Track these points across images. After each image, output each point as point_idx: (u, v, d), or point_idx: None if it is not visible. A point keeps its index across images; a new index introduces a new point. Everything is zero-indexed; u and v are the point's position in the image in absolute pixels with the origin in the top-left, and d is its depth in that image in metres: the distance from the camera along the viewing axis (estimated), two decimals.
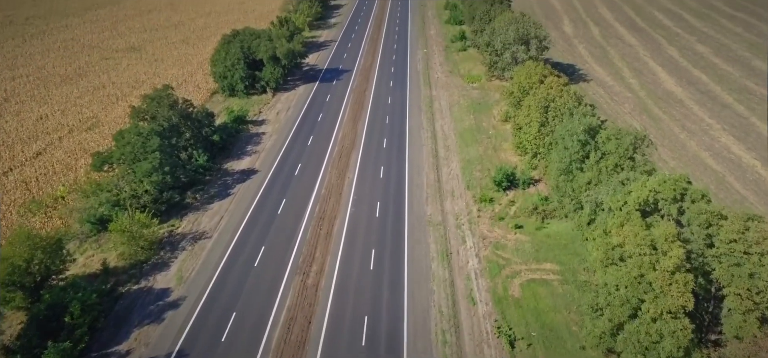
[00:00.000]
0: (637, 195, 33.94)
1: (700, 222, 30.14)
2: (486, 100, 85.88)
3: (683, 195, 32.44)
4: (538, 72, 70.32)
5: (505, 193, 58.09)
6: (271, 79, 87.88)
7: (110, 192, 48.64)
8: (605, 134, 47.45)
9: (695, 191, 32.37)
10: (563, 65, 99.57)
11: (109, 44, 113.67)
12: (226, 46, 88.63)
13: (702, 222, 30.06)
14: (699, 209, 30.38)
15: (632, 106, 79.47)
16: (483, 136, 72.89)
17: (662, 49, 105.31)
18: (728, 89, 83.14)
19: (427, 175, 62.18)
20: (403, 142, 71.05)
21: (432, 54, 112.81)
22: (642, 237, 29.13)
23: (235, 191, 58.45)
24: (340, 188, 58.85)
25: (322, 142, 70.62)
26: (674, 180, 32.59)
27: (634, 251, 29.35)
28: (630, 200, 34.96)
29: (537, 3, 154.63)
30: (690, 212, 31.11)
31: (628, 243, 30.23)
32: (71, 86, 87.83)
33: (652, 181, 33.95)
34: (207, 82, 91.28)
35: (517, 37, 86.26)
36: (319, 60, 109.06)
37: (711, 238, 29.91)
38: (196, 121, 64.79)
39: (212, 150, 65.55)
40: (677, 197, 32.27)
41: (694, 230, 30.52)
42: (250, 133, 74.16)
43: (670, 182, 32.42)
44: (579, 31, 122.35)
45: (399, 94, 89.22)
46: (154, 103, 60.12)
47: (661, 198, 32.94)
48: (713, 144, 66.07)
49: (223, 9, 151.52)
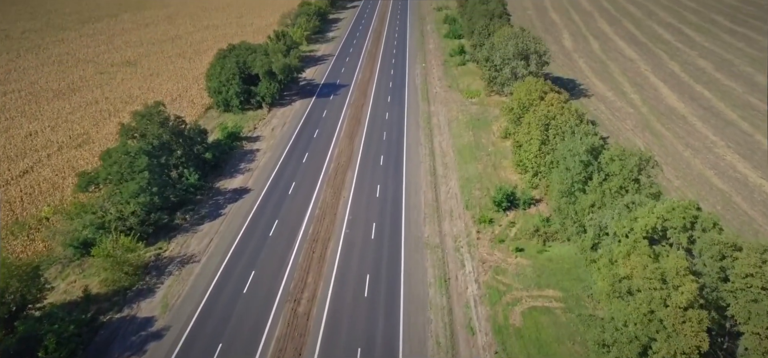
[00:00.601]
0: (645, 222, 32.13)
1: (712, 254, 28.31)
2: (485, 115, 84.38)
3: (693, 223, 30.65)
4: (538, 88, 68.88)
5: (505, 213, 56.28)
6: (266, 95, 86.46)
7: (95, 214, 46.80)
8: (608, 155, 45.75)
9: (706, 219, 30.59)
10: (563, 80, 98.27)
11: (104, 58, 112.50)
12: (222, 61, 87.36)
13: (715, 254, 28.24)
14: (711, 239, 28.57)
15: (634, 123, 77.92)
16: (482, 153, 71.25)
17: (663, 64, 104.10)
18: (731, 105, 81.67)
19: (425, 194, 60.41)
20: (401, 159, 69.38)
21: (430, 68, 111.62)
22: (651, 270, 27.29)
23: (226, 212, 56.63)
24: (335, 208, 57.03)
25: (318, 160, 68.94)
26: (684, 207, 30.82)
27: (642, 284, 27.47)
28: (637, 227, 33.15)
29: (536, 17, 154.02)
30: (701, 241, 29.31)
31: (636, 275, 28.37)
32: (63, 101, 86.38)
33: (660, 207, 32.16)
34: (202, 97, 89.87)
35: (517, 52, 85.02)
36: (317, 74, 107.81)
37: (725, 271, 28.07)
38: (188, 138, 63.17)
39: (204, 168, 63.82)
40: (687, 226, 30.47)
41: (707, 261, 28.68)
42: (244, 150, 72.50)
43: (679, 210, 30.65)
44: (579, 46, 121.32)
45: (397, 109, 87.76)
46: (144, 120, 58.52)
47: (669, 226, 31.12)
48: (718, 162, 64.38)
49: (221, 23, 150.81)
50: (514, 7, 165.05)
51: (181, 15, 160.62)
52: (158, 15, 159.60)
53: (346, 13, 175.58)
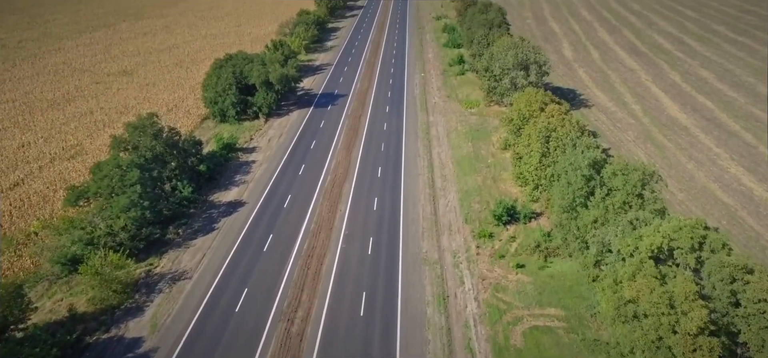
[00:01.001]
0: (650, 241, 30.87)
1: (722, 277, 27.05)
2: (484, 126, 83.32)
3: (702, 244, 29.39)
4: (538, 99, 67.89)
5: (506, 227, 55.00)
6: (263, 105, 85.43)
7: (83, 229, 45.52)
8: (611, 169, 44.57)
9: (715, 240, 29.33)
10: (564, 90, 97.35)
11: (100, 68, 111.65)
12: (218, 71, 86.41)
13: (725, 277, 26.98)
14: (720, 261, 27.31)
15: (636, 134, 76.81)
16: (482, 165, 70.08)
17: (664, 74, 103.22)
18: (734, 116, 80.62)
19: (424, 208, 59.16)
20: (399, 171, 68.20)
21: (429, 78, 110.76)
22: (659, 294, 26.02)
23: (220, 226, 55.33)
24: (331, 222, 55.75)
25: (314, 172, 67.75)
26: (691, 227, 29.58)
27: (650, 309, 26.17)
28: (642, 246, 31.88)
29: (536, 26, 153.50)
30: (710, 263, 28.05)
31: (642, 299, 27.08)
32: (57, 112, 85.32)
33: (667, 226, 30.92)
34: (198, 107, 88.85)
35: (517, 62, 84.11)
36: (315, 84, 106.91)
37: (736, 295, 26.80)
38: (182, 150, 62.02)
39: (198, 181, 62.63)
40: (695, 247, 29.22)
41: (717, 285, 27.41)
42: (240, 161, 71.33)
43: (686, 229, 29.41)
44: (579, 55, 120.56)
45: (395, 120, 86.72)
46: (137, 132, 57.39)
47: (676, 246, 29.86)
48: (722, 175, 63.19)
49: (219, 32, 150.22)
50: (514, 17, 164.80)
51: (180, 24, 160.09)
52: (156, 24, 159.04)
53: (345, 21, 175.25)
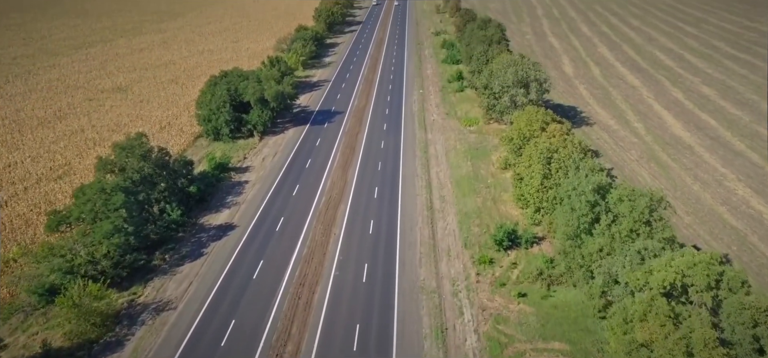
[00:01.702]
0: (662, 277, 28.75)
1: (743, 320, 24.92)
2: (484, 145, 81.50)
3: (718, 281, 27.28)
4: (539, 119, 66.18)
5: (507, 253, 52.83)
6: (258, 123, 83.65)
7: (63, 257, 43.33)
8: (617, 195, 42.56)
9: (733, 278, 27.23)
10: (565, 107, 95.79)
11: (94, 84, 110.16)
12: (212, 88, 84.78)
13: (746, 320, 24.86)
14: (741, 302, 25.21)
15: (639, 153, 74.96)
16: (481, 185, 68.09)
17: (666, 91, 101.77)
18: (739, 135, 78.87)
19: (421, 231, 57.01)
20: (396, 191, 66.17)
21: (428, 95, 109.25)
22: (675, 340, 23.86)
23: (208, 251, 53.12)
24: (325, 247, 53.57)
25: (309, 192, 65.71)
26: (706, 263, 27.49)
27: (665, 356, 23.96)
28: (653, 281, 29.74)
29: (536, 42, 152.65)
30: (729, 304, 25.93)
31: (657, 343, 24.91)
32: (48, 130, 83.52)
33: (680, 261, 28.82)
34: (192, 124, 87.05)
35: (516, 79, 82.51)
36: (312, 101, 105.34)
37: (759, 341, 24.65)
38: (172, 171, 60.02)
39: (188, 203, 60.54)
40: (711, 284, 27.10)
41: (737, 328, 25.27)
42: (233, 181, 69.31)
43: (701, 266, 27.32)
44: (579, 72, 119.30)
45: (393, 137, 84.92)
46: (124, 153, 55.46)
47: (691, 283, 27.73)
48: (730, 197, 61.19)
49: (216, 48, 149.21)
50: (513, 32, 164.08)
51: (177, 40, 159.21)
52: (153, 40, 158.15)
53: (343, 37, 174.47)
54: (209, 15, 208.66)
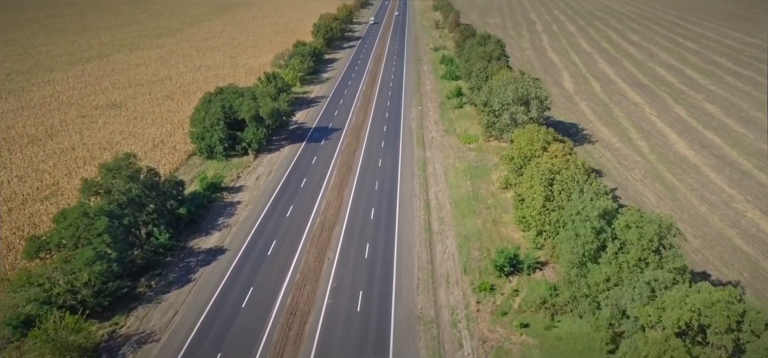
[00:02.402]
0: (677, 316, 26.61)
1: None
2: (484, 163, 79.60)
3: (740, 322, 25.13)
4: (540, 138, 64.35)
5: (508, 279, 50.62)
6: (253, 141, 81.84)
7: (41, 286, 41.12)
8: (623, 221, 40.45)
9: (756, 319, 25.10)
10: (566, 124, 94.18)
11: (88, 101, 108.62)
12: (206, 105, 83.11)
13: None
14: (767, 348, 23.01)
15: (643, 172, 73.02)
16: (481, 206, 66.03)
17: (669, 108, 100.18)
18: (745, 154, 77.00)
19: (419, 256, 54.81)
20: (393, 212, 64.08)
21: (427, 111, 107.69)
22: None
23: (197, 276, 50.88)
24: (318, 272, 51.34)
25: (303, 213, 63.60)
26: (726, 302, 25.38)
27: None
28: (666, 319, 27.58)
29: (535, 58, 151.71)
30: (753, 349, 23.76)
31: None
32: (38, 148, 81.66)
33: (696, 298, 26.69)
34: (186, 142, 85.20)
35: (517, 97, 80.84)
36: (309, 117, 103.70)
37: None
38: (161, 192, 58.00)
39: (177, 225, 58.41)
40: (732, 326, 24.95)
41: None
42: (225, 202, 67.23)
43: (720, 305, 25.21)
44: (580, 88, 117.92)
45: (391, 155, 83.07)
46: (111, 174, 53.50)
47: (709, 323, 25.56)
48: (739, 220, 59.09)
49: (214, 63, 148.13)
50: (513, 48, 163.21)
51: (174, 55, 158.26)
52: (151, 55, 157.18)
53: (342, 53, 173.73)
54: (208, 30, 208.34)
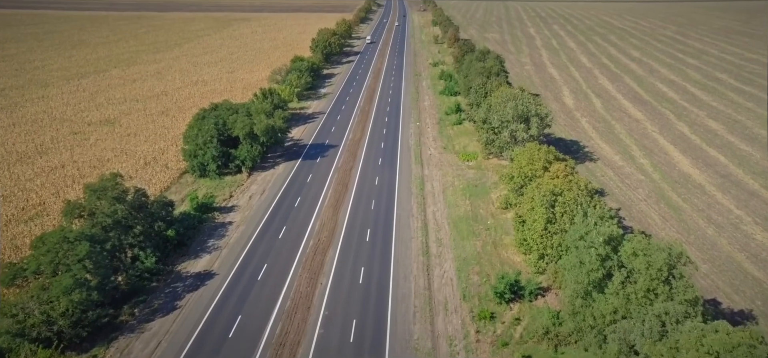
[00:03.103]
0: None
1: None
2: (483, 181, 77.66)
3: None
4: (541, 157, 62.53)
5: (509, 306, 48.35)
6: (247, 159, 79.96)
7: (14, 316, 38.86)
8: (630, 248, 38.38)
9: None
10: (566, 142, 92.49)
11: (82, 117, 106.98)
12: (200, 122, 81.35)
13: None
14: None
15: (647, 192, 71.05)
16: (481, 226, 63.93)
17: (671, 125, 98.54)
18: (751, 173, 75.10)
19: (416, 281, 52.57)
20: (390, 234, 61.94)
21: (425, 127, 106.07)
22: None
23: (183, 303, 48.58)
24: (310, 299, 49.06)
25: (296, 235, 61.46)
26: (747, 345, 23.22)
27: None
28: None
29: (535, 73, 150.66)
30: None
31: None
32: (26, 166, 79.71)
33: (712, 338, 24.57)
34: (178, 160, 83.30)
35: (516, 114, 79.22)
36: (305, 134, 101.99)
37: None
38: (148, 213, 55.88)
39: (165, 248, 56.22)
40: None
41: None
42: (216, 223, 65.09)
43: (741, 349, 23.04)
44: (580, 104, 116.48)
45: (388, 173, 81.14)
46: (95, 195, 51.46)
47: None
48: (748, 243, 56.95)
49: (211, 78, 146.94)
50: (512, 63, 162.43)
51: (171, 70, 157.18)
52: (148, 70, 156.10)
53: (340, 68, 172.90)
54: (206, 45, 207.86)
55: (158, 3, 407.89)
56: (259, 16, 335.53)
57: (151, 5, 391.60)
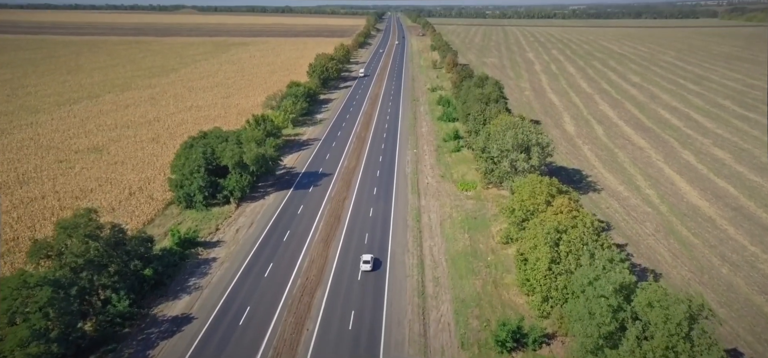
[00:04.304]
0: None
1: None
2: (483, 213, 74.14)
3: None
4: (543, 190, 59.19)
5: (511, 355, 44.36)
6: (235, 189, 76.57)
7: None
8: (645, 298, 34.70)
9: None
10: (569, 170, 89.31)
11: (70, 144, 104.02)
12: (187, 151, 78.34)
13: None
14: None
15: (655, 226, 67.47)
16: (480, 263, 60.17)
17: (676, 153, 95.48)
18: (763, 206, 71.67)
19: (411, 326, 48.61)
20: (383, 273, 58.12)
21: (422, 154, 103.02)
22: None
23: (155, 353, 44.53)
24: (294, 348, 45.05)
25: (283, 273, 57.66)
26: None
27: None
28: None
29: (535, 98, 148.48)
30: None
31: None
32: (4, 197, 76.26)
33: None
34: (164, 190, 79.91)
35: (516, 143, 76.14)
36: (299, 162, 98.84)
37: None
38: (124, 251, 52.21)
39: (142, 288, 52.39)
40: None
41: None
42: (199, 259, 61.32)
43: None
44: (582, 131, 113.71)
45: (383, 204, 77.68)
46: (66, 233, 47.90)
47: None
48: (767, 284, 53.14)
49: (206, 104, 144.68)
50: (511, 89, 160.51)
51: (166, 95, 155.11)
52: (142, 96, 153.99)
53: (338, 93, 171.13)
54: (203, 70, 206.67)
55: (158, 28, 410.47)
56: (257, 41, 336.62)
57: (151, 30, 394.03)
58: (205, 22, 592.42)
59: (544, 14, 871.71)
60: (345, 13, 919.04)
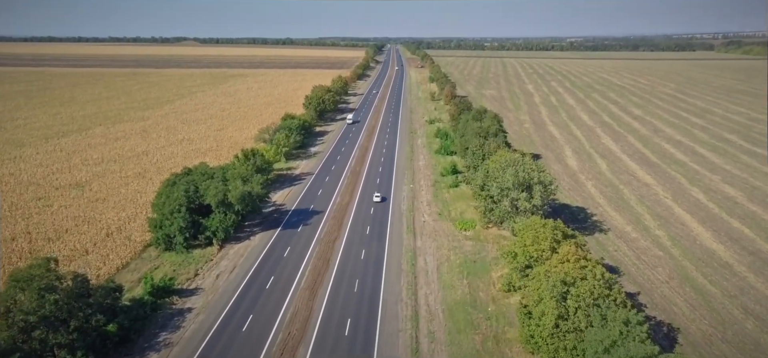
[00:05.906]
0: None
1: None
2: (482, 256, 69.28)
3: None
4: (547, 235, 54.58)
5: None
6: (218, 229, 71.89)
7: None
8: None
9: None
10: (572, 208, 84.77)
11: (51, 180, 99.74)
12: (169, 189, 73.93)
13: None
14: None
15: (668, 272, 62.51)
16: (480, 315, 55.03)
17: (684, 191, 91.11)
18: None
19: None
20: (373, 326, 52.94)
21: (419, 190, 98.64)
22: None
23: None
24: None
25: (263, 327, 52.44)
26: None
27: None
28: None
29: (535, 131, 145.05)
30: None
31: None
32: None
33: None
34: (144, 230, 75.15)
35: (517, 181, 71.84)
36: (289, 198, 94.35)
37: None
38: (86, 304, 47.15)
39: (104, 347, 47.16)
40: None
41: None
42: (173, 309, 56.16)
43: None
44: (584, 165, 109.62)
45: (376, 245, 72.85)
46: (17, 288, 43.01)
47: None
48: None
49: (198, 136, 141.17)
50: (511, 121, 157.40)
51: (158, 128, 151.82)
52: (133, 128, 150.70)
53: (334, 125, 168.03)
54: (198, 102, 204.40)
55: (158, 59, 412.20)
56: (256, 72, 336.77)
57: (150, 61, 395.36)
58: (205, 53, 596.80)
59: (541, 47, 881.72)
60: (345, 45, 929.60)
